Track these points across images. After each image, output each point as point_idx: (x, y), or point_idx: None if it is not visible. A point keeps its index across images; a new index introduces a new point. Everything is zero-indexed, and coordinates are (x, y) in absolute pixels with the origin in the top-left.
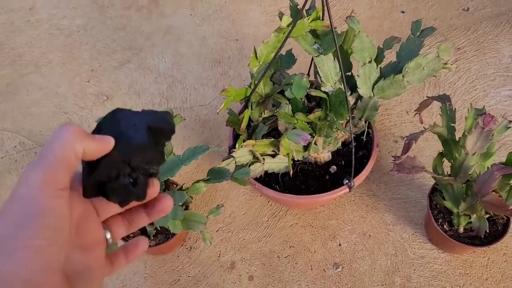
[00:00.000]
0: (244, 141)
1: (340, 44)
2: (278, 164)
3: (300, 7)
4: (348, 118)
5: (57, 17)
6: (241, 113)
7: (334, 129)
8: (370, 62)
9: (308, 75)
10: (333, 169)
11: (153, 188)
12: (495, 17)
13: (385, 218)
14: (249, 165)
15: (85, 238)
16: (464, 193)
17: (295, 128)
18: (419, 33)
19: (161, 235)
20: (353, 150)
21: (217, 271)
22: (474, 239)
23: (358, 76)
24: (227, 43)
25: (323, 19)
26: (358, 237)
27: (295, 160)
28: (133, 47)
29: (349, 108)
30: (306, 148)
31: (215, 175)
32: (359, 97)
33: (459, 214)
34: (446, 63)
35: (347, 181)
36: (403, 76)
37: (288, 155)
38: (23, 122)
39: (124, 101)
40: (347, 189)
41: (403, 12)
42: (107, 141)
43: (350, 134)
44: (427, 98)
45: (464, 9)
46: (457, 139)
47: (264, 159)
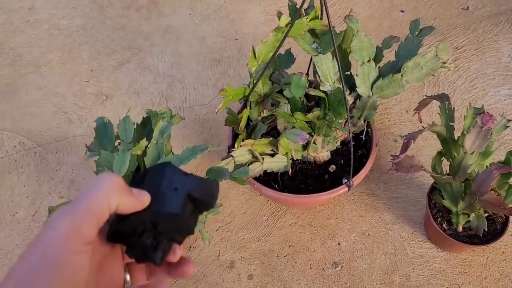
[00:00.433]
0: (243, 140)
1: (338, 43)
2: (277, 163)
3: (298, 7)
4: (347, 117)
5: (56, 17)
6: (240, 112)
7: (333, 129)
8: (369, 61)
9: (307, 75)
10: (332, 168)
11: (174, 256)
12: (494, 16)
13: (384, 217)
14: (248, 165)
15: (105, 278)
16: (463, 192)
17: (294, 127)
18: (417, 32)
19: None
20: (352, 149)
21: (216, 270)
22: (473, 238)
23: (357, 75)
24: (226, 43)
25: (321, 18)
26: (357, 236)
27: (294, 159)
28: (133, 46)
29: (348, 107)
30: (305, 147)
31: (214, 175)
32: (358, 97)
33: (458, 213)
34: (444, 63)
35: (346, 180)
36: (401, 75)
37: (287, 154)
38: (23, 122)
39: (123, 100)
40: (346, 188)
41: (402, 11)
42: (142, 200)
43: (349, 133)
44: (426, 97)
45: (463, 8)
46: (456, 138)
47: (263, 159)
